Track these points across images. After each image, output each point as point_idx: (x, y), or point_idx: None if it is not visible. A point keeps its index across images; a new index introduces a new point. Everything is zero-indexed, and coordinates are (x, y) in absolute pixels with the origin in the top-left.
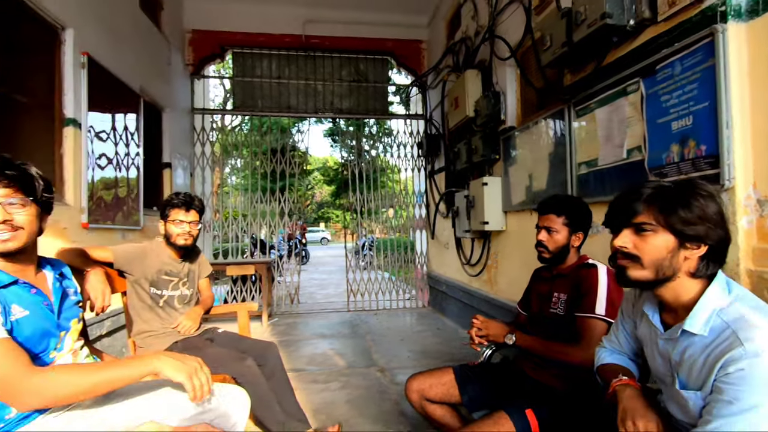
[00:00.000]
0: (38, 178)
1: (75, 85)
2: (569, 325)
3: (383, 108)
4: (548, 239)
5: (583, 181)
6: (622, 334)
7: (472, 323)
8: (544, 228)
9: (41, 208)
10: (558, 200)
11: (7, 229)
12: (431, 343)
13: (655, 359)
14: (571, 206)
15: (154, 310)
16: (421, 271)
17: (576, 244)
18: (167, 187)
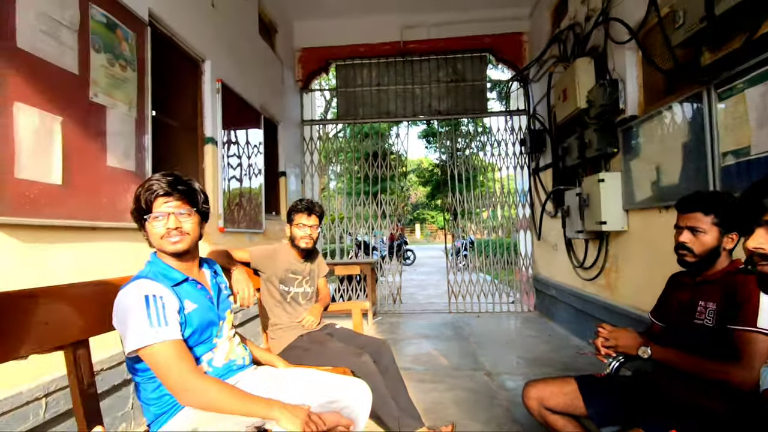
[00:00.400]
0: (200, 192)
1: (212, 108)
2: (719, 338)
3: (481, 106)
4: (693, 241)
5: (730, 173)
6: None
7: (598, 332)
8: (687, 228)
9: (201, 217)
10: (704, 196)
11: (178, 233)
12: (541, 350)
13: None
14: (722, 203)
15: (283, 305)
16: (526, 274)
17: (729, 247)
18: (282, 193)
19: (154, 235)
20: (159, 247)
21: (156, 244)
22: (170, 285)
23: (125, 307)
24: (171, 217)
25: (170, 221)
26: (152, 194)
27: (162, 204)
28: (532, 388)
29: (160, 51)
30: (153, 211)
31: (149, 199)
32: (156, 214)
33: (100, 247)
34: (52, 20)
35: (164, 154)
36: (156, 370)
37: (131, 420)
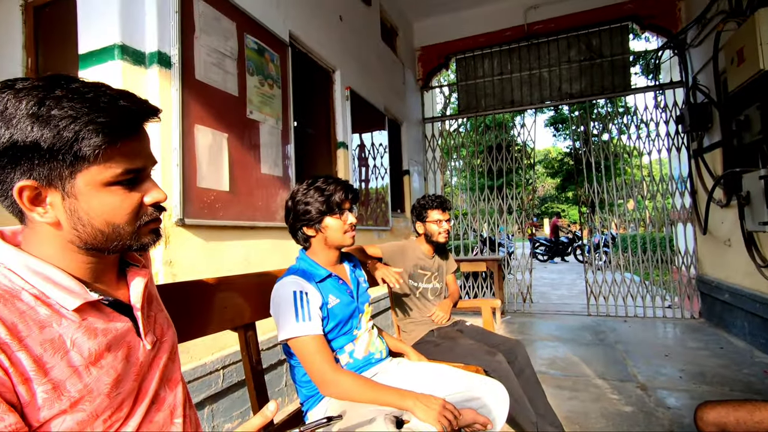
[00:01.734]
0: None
1: (342, 115)
2: None
3: (623, 83)
4: None
5: None
6: None
7: None
8: None
9: None
10: None
11: (354, 228)
12: (711, 365)
13: None
14: None
15: (413, 300)
16: (688, 274)
17: None
18: (407, 191)
19: (337, 229)
20: (338, 240)
21: (336, 237)
22: (315, 281)
23: (278, 300)
24: (351, 215)
25: (351, 217)
26: (344, 195)
27: (347, 204)
28: (711, 411)
29: (298, 67)
30: (344, 208)
31: (342, 198)
32: (345, 210)
33: (257, 243)
34: (219, 53)
35: (304, 160)
36: (300, 359)
37: (285, 396)
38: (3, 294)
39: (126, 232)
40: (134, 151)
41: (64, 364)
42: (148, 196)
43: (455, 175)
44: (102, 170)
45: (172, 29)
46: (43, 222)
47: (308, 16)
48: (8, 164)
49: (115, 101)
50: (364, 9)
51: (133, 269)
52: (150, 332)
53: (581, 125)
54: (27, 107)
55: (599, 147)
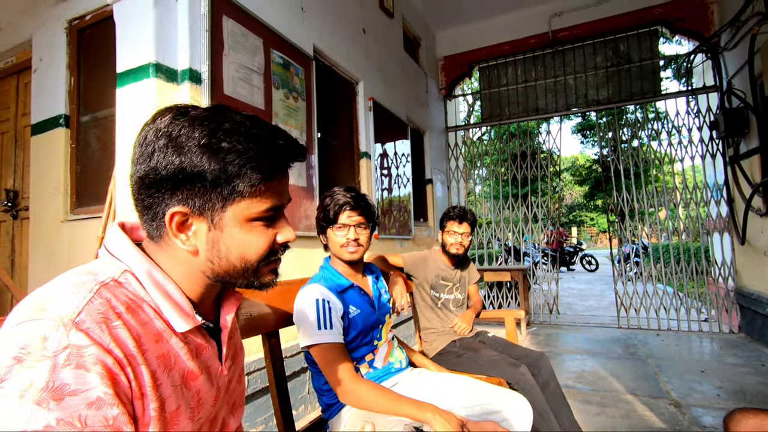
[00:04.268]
0: (374, 207)
1: (365, 125)
2: None
3: (653, 88)
4: None
5: None
6: None
7: None
8: None
9: (371, 230)
10: None
11: (355, 245)
12: (752, 383)
13: None
14: None
15: (434, 310)
16: (725, 287)
17: None
18: (430, 200)
19: (334, 243)
20: (337, 254)
21: (335, 251)
22: (337, 291)
23: (301, 307)
24: (352, 230)
25: (350, 233)
26: (340, 207)
27: (346, 217)
28: (743, 418)
29: (322, 79)
30: (338, 222)
31: (337, 210)
32: (340, 225)
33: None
34: (246, 68)
35: (327, 170)
36: (321, 367)
37: (308, 403)
38: (131, 302)
39: (253, 269)
40: (280, 189)
41: (169, 382)
42: (281, 235)
43: (479, 184)
44: (251, 205)
45: (203, 47)
46: (182, 248)
47: (332, 30)
48: (169, 189)
49: (274, 139)
50: (387, 21)
51: (230, 292)
52: (229, 357)
53: (609, 132)
54: (200, 137)
55: (629, 154)
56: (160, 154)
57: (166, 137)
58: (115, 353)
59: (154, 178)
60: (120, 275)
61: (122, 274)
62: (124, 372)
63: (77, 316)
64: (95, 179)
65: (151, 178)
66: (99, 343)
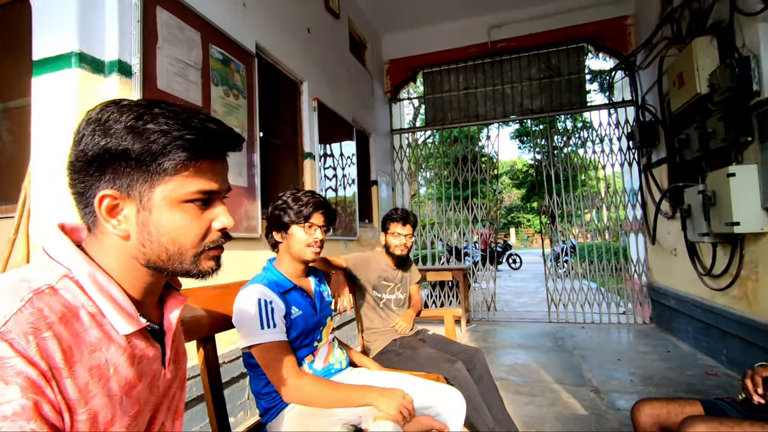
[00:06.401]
0: (335, 212)
1: (310, 125)
2: None
3: (580, 100)
4: None
5: None
6: None
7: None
8: None
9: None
10: None
11: (319, 245)
12: (659, 368)
13: None
14: None
15: (376, 310)
16: (639, 282)
17: None
18: (375, 202)
19: (299, 241)
20: (299, 253)
21: (297, 250)
22: (280, 292)
23: (242, 308)
24: (319, 230)
25: (318, 233)
26: (315, 207)
27: (318, 217)
28: (647, 406)
29: (265, 77)
30: (310, 221)
31: (312, 210)
32: (312, 224)
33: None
34: (182, 63)
35: (270, 170)
36: (263, 366)
37: (248, 410)
38: (65, 311)
39: (189, 255)
40: (213, 173)
41: (103, 392)
42: (217, 221)
43: (424, 185)
44: (179, 185)
45: (134, 38)
46: (113, 233)
47: (276, 27)
48: (96, 171)
49: (205, 124)
50: (333, 22)
51: (173, 293)
52: (172, 361)
53: (543, 139)
54: (126, 119)
55: (560, 159)
56: (88, 138)
57: (95, 123)
58: (40, 366)
59: (83, 161)
60: (58, 281)
61: (60, 280)
62: (50, 385)
63: (3, 326)
64: (5, 176)
65: (80, 162)
66: (23, 355)
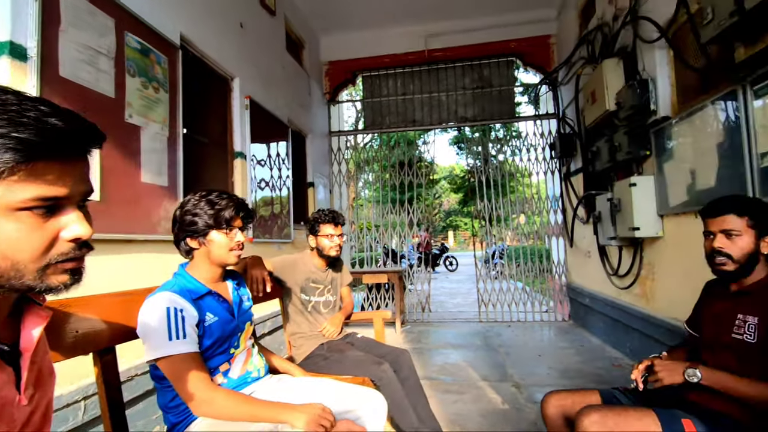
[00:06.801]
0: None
1: (241, 124)
2: (762, 356)
3: (510, 111)
4: (729, 245)
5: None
6: None
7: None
8: (721, 232)
9: None
10: (735, 198)
11: (241, 248)
12: (574, 362)
13: None
14: (754, 205)
15: (304, 314)
16: (560, 282)
17: (766, 251)
18: (311, 203)
19: (222, 246)
20: (222, 259)
21: (220, 253)
22: (192, 298)
23: (148, 318)
24: (239, 233)
25: (239, 236)
26: (236, 210)
27: (240, 220)
28: (553, 397)
29: (191, 72)
30: (233, 225)
31: (232, 215)
32: (234, 228)
33: (135, 258)
34: (92, 50)
35: (196, 169)
36: (171, 380)
37: (159, 425)
38: None
39: (29, 270)
40: (58, 176)
41: None
42: (67, 230)
43: (366, 188)
44: (7, 191)
45: (30, 19)
46: None
47: (204, 19)
48: None
49: (42, 118)
50: (269, 19)
51: (33, 308)
52: (31, 384)
53: (479, 146)
54: None
55: (494, 166)
56: None
57: None
58: None
59: None
60: None
61: None
62: None
63: None
64: None
65: None
66: None
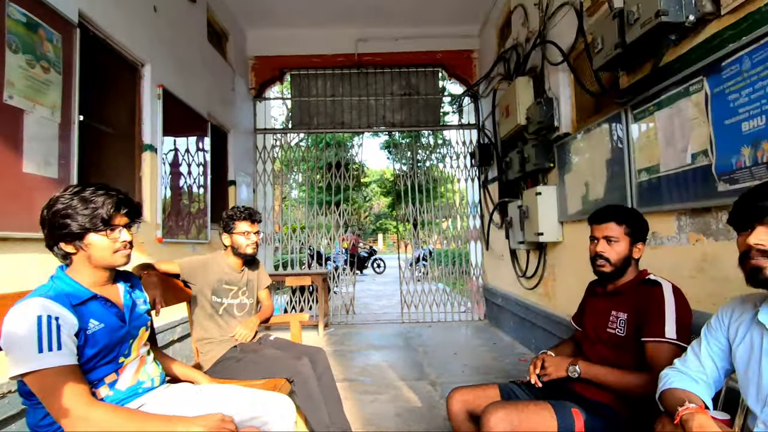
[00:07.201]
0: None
1: (152, 115)
2: (631, 347)
3: (435, 119)
4: (609, 250)
5: (644, 188)
6: (707, 354)
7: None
8: (603, 238)
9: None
10: (616, 208)
11: (129, 246)
12: (486, 358)
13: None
14: (631, 215)
15: (214, 318)
16: (477, 284)
17: (637, 257)
18: (232, 202)
19: (104, 249)
20: (106, 260)
21: (104, 257)
22: (72, 304)
23: (14, 327)
24: (124, 231)
25: (124, 234)
26: (114, 209)
27: (119, 218)
28: (457, 393)
29: (92, 54)
30: (112, 224)
31: (111, 213)
32: (115, 227)
33: (11, 258)
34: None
35: (96, 161)
36: (42, 397)
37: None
38: None
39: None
40: None
41: None
42: None
43: (295, 189)
44: None
45: None
46: None
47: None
48: None
49: None
50: (188, 6)
51: None
52: None
53: (409, 151)
54: None
55: (423, 172)
56: None
57: None
58: None
59: None
60: None
61: None
62: None
63: None
64: None
65: None
66: None
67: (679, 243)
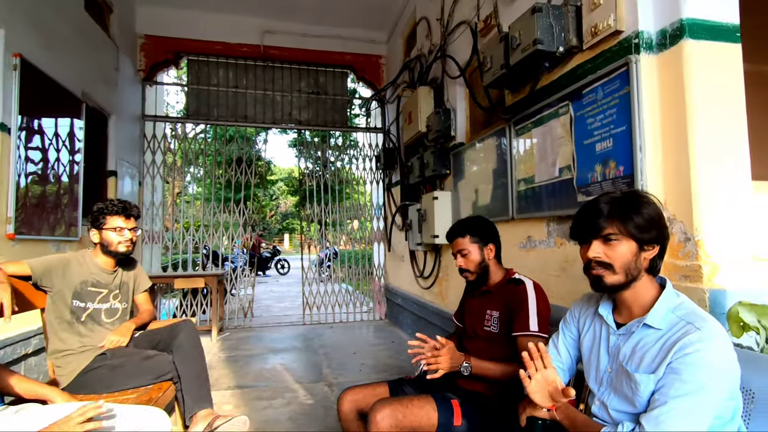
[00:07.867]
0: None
1: (4, 88)
2: (504, 342)
3: (343, 120)
4: (466, 262)
5: (522, 197)
6: (563, 344)
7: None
8: (458, 253)
9: None
10: (459, 224)
11: None
12: (384, 357)
13: (599, 360)
14: (471, 224)
15: (74, 326)
16: (379, 284)
17: (491, 257)
18: (112, 196)
19: None
20: None
21: None
22: None
23: None
24: None
25: None
26: None
27: None
28: (348, 393)
29: None
30: None
31: None
32: None
33: None
34: None
35: None
36: None
37: None
38: None
39: None
40: None
41: None
42: None
43: (193, 183)
44: None
45: None
46: None
47: None
48: None
49: None
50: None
51: None
52: None
53: (318, 151)
54: None
55: (332, 172)
56: None
57: None
58: None
59: None
60: None
61: None
62: None
63: None
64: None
65: None
66: None
67: (548, 246)
